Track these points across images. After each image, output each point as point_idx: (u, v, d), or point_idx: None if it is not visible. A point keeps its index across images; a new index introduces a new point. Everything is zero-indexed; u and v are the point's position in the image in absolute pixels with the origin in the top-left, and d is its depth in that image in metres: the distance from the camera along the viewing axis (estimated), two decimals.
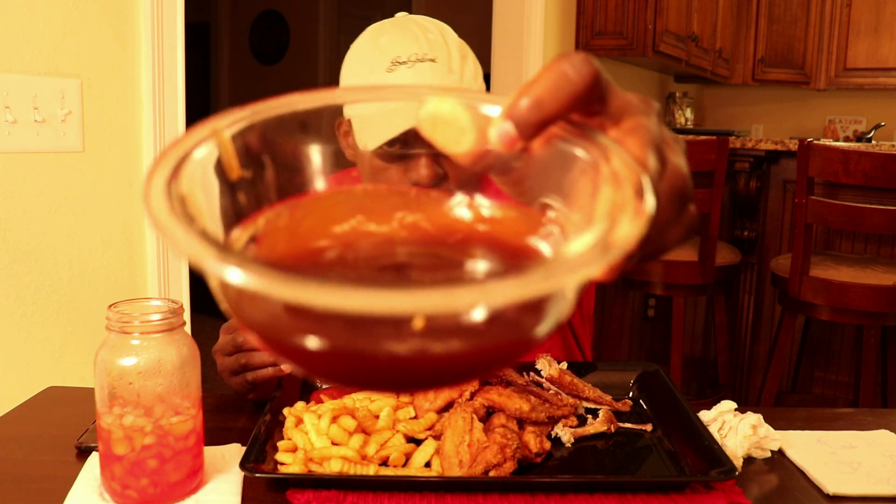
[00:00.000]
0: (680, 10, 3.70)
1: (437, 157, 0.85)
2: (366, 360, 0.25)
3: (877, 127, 4.15)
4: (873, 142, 3.62)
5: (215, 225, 0.29)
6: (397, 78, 0.84)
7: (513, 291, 0.22)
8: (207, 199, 0.30)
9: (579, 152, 0.31)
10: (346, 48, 0.93)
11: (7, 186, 1.35)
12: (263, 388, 0.85)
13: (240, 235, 0.31)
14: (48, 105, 1.39)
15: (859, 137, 4.44)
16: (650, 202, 0.27)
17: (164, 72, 1.58)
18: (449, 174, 0.87)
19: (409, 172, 0.86)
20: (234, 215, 0.31)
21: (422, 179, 0.85)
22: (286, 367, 0.82)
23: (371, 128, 0.84)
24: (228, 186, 0.32)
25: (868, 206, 1.92)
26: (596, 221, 0.27)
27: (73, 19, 1.42)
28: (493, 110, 0.32)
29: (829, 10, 4.79)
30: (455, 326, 0.25)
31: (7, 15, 1.31)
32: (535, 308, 0.27)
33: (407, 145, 0.86)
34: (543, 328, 0.27)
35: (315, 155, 0.37)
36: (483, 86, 0.90)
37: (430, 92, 0.33)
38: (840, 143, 2.18)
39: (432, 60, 0.84)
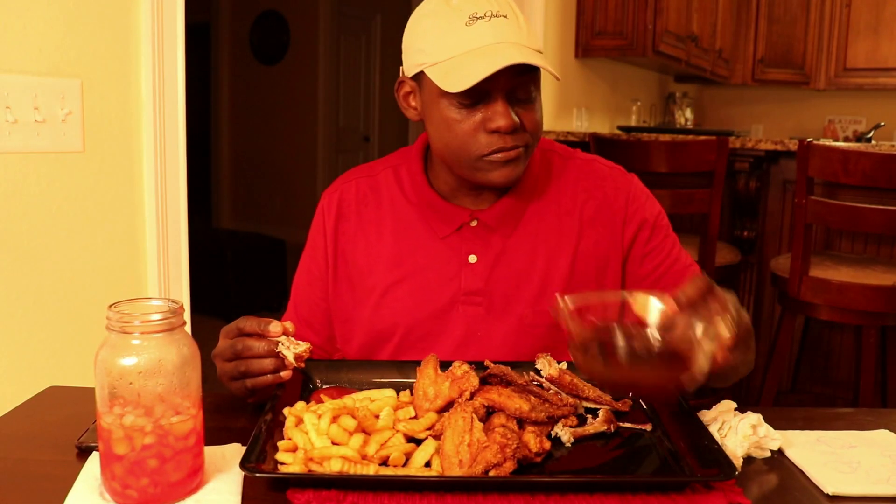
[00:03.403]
0: (680, 11, 3.71)
1: (513, 106, 0.91)
2: None
3: (876, 127, 4.15)
4: (873, 142, 3.62)
5: None
6: (476, 31, 0.88)
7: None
8: None
9: (704, 312, 0.73)
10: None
11: (7, 186, 1.35)
12: (263, 393, 0.85)
13: None
14: (48, 105, 1.39)
15: (859, 137, 4.44)
16: (730, 330, 0.71)
17: (164, 72, 1.58)
18: (524, 123, 0.92)
19: (486, 122, 0.91)
20: None
21: (501, 128, 0.90)
22: (286, 374, 0.82)
23: (460, 70, 0.87)
24: None
25: (867, 206, 1.92)
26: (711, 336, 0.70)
27: (74, 20, 1.42)
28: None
29: (828, 11, 4.79)
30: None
31: (8, 16, 1.32)
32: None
33: (483, 94, 0.89)
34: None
35: None
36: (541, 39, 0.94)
37: None
38: (839, 144, 2.18)
39: (504, 16, 0.90)
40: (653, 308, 0.76)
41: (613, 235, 1.03)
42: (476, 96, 0.89)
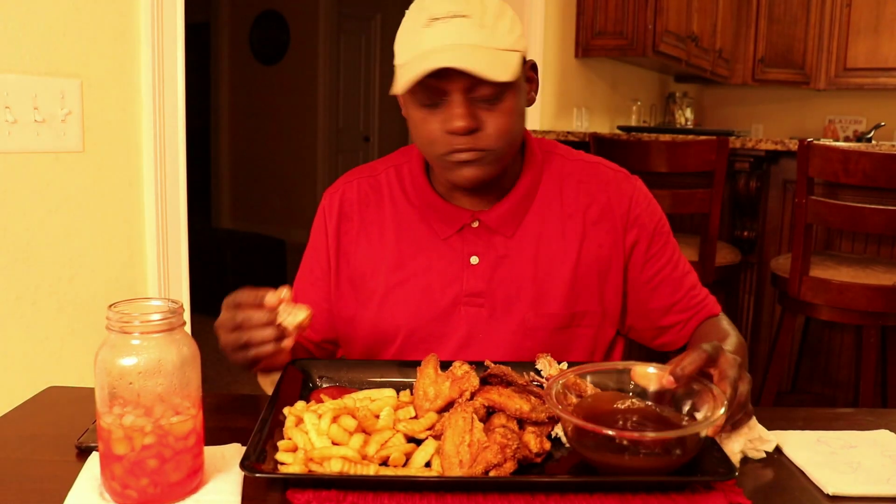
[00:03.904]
0: (680, 11, 3.71)
1: (472, 109, 0.90)
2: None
3: (876, 127, 4.15)
4: (873, 142, 3.62)
5: None
6: (432, 32, 0.88)
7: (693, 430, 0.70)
8: None
9: (699, 386, 0.76)
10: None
11: (7, 186, 1.35)
12: (266, 362, 0.85)
13: None
14: (48, 105, 1.39)
15: (859, 137, 4.44)
16: (723, 411, 0.71)
17: (164, 72, 1.58)
18: (487, 125, 0.90)
19: (444, 123, 0.90)
20: None
21: (454, 129, 0.89)
22: (286, 343, 0.82)
23: (408, 73, 0.88)
24: None
25: (868, 206, 1.92)
26: (708, 415, 0.72)
27: (74, 20, 1.42)
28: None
29: (829, 11, 4.79)
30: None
31: (7, 15, 1.32)
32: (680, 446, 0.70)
33: (441, 94, 0.89)
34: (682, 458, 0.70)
35: None
36: (523, 42, 0.92)
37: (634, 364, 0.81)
38: (840, 143, 2.18)
39: (465, 16, 0.88)
40: (651, 380, 0.78)
41: (615, 240, 1.02)
42: (434, 97, 0.89)
